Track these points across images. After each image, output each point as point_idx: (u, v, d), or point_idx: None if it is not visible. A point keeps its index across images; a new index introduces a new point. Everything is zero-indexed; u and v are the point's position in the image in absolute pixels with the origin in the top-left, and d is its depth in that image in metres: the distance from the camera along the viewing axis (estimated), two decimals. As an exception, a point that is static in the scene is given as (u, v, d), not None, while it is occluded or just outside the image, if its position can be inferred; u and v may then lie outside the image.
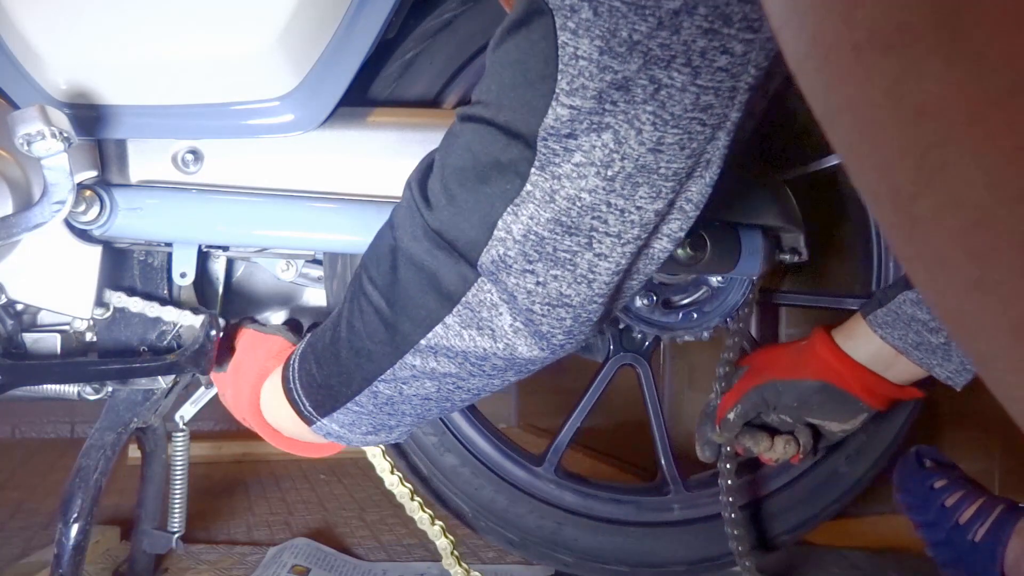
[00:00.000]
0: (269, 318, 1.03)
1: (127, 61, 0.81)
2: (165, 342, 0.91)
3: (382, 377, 0.65)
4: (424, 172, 0.63)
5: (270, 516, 1.36)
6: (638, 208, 0.54)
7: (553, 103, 0.52)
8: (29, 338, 0.87)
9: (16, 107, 0.82)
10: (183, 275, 0.91)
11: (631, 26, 0.48)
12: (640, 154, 0.52)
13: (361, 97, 0.92)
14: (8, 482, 1.64)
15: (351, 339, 0.66)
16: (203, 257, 0.94)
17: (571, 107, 0.51)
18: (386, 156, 0.89)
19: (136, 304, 0.88)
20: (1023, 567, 0.86)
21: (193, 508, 1.03)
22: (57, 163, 0.76)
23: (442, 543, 0.93)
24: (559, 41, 0.50)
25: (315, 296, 1.02)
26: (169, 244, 0.91)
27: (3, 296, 0.84)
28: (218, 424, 2.18)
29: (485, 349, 0.61)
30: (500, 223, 0.56)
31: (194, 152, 0.88)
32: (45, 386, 0.89)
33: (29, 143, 0.73)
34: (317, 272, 0.98)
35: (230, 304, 1.00)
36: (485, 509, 1.00)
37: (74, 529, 0.84)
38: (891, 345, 0.84)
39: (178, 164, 0.88)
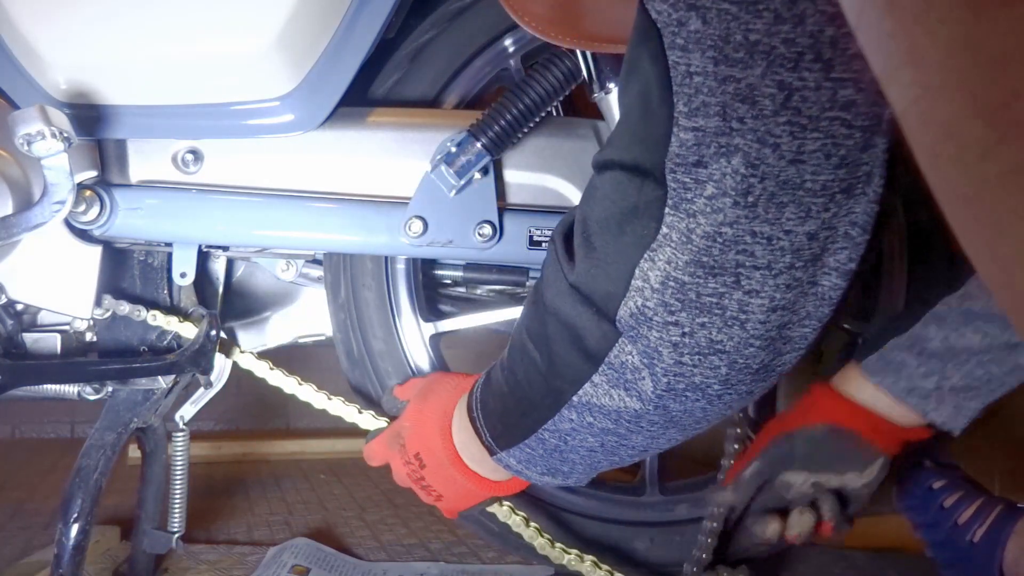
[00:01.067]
0: (270, 318, 1.03)
1: (127, 61, 0.81)
2: (165, 342, 0.91)
3: (545, 427, 0.65)
4: (568, 226, 0.61)
5: (270, 516, 1.36)
6: (787, 232, 0.49)
7: (675, 129, 0.48)
8: (29, 338, 0.87)
9: (16, 107, 0.83)
10: (183, 275, 0.91)
11: (745, 27, 0.43)
12: (780, 168, 0.47)
13: (361, 97, 0.92)
14: (8, 482, 1.64)
15: (515, 387, 0.66)
16: (203, 257, 0.94)
17: (694, 129, 0.48)
18: (386, 156, 0.89)
19: (128, 309, 0.89)
20: (1022, 567, 0.86)
21: (193, 508, 1.03)
22: (57, 163, 0.76)
23: (540, 542, 0.90)
24: (669, 61, 0.47)
25: (315, 296, 1.02)
26: (169, 244, 0.91)
27: (3, 296, 0.84)
28: (218, 424, 2.18)
29: (636, 410, 0.58)
30: (637, 271, 0.53)
31: (194, 152, 0.88)
32: (45, 386, 0.89)
33: (29, 143, 0.73)
34: (317, 272, 0.98)
35: (230, 304, 1.00)
36: None
37: (74, 529, 0.84)
38: (885, 391, 0.84)
39: (178, 164, 0.88)
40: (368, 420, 0.92)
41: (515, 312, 0.96)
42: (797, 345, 0.55)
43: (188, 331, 0.89)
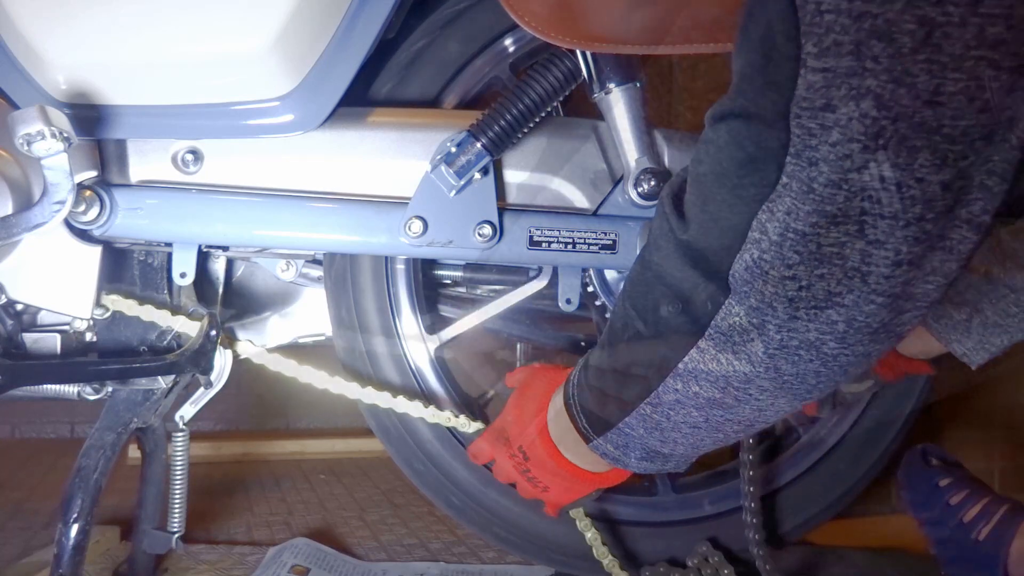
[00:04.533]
0: (270, 318, 1.03)
1: (127, 61, 0.81)
2: (165, 342, 0.91)
3: (648, 400, 0.63)
4: (678, 186, 0.59)
5: (270, 516, 1.36)
6: (919, 181, 0.45)
7: (802, 71, 0.46)
8: (29, 338, 0.87)
9: (16, 107, 0.82)
10: (183, 275, 0.91)
11: None
12: (915, 109, 0.43)
13: (361, 97, 0.92)
14: (8, 482, 1.64)
15: (616, 361, 0.65)
16: (203, 257, 0.94)
17: (824, 70, 0.45)
18: (386, 156, 0.89)
19: (133, 309, 0.89)
20: None
21: (193, 508, 1.03)
22: (57, 163, 0.76)
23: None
24: (797, 1, 0.45)
25: (315, 296, 1.02)
26: (169, 244, 0.91)
27: (3, 296, 0.84)
28: (218, 424, 2.18)
29: (746, 373, 0.56)
30: (754, 223, 0.51)
31: (194, 152, 0.88)
32: (45, 386, 0.89)
33: (29, 143, 0.73)
34: (317, 272, 0.98)
35: (230, 304, 1.00)
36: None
37: (74, 529, 0.84)
38: None
39: (178, 164, 0.88)
40: (463, 422, 0.93)
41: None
42: (919, 303, 0.51)
43: (188, 331, 0.89)
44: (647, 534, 1.01)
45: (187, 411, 0.94)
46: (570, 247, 0.91)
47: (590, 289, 0.97)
